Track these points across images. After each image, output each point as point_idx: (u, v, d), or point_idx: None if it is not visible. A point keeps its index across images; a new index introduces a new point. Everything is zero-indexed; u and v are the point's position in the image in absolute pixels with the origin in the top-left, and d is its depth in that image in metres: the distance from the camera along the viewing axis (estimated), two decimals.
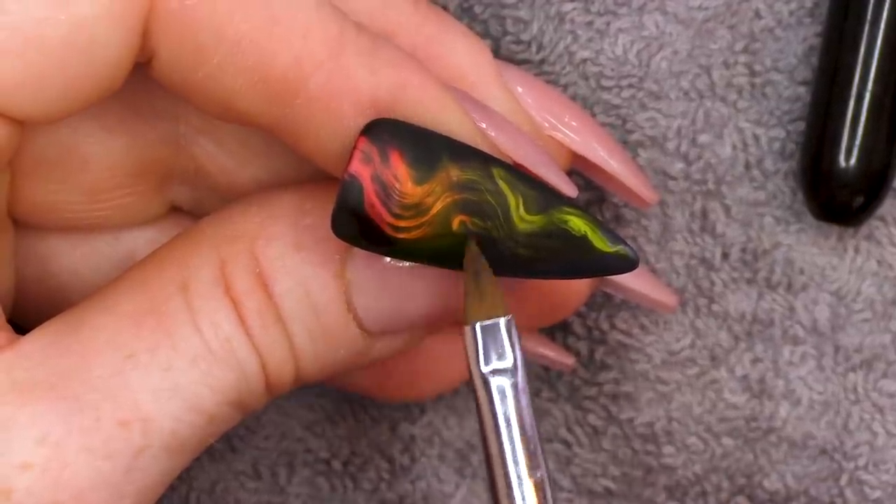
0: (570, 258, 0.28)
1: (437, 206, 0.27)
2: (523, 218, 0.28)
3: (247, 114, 0.27)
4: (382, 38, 0.28)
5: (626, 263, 0.28)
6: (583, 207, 0.28)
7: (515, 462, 0.26)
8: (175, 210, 0.32)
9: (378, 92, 0.27)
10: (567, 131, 0.31)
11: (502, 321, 0.27)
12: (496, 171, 0.27)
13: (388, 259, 0.28)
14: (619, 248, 0.28)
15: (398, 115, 0.27)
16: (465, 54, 0.30)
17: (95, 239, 0.31)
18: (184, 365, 0.27)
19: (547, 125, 0.31)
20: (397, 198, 0.27)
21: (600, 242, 0.28)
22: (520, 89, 0.31)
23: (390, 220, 0.27)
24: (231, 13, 0.27)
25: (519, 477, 0.26)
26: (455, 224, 0.27)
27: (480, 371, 0.26)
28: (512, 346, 0.26)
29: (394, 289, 0.28)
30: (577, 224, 0.28)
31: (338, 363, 0.29)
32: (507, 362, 0.26)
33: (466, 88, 0.30)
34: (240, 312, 0.28)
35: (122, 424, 0.27)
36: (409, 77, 0.28)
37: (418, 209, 0.27)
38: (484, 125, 0.29)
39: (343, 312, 0.28)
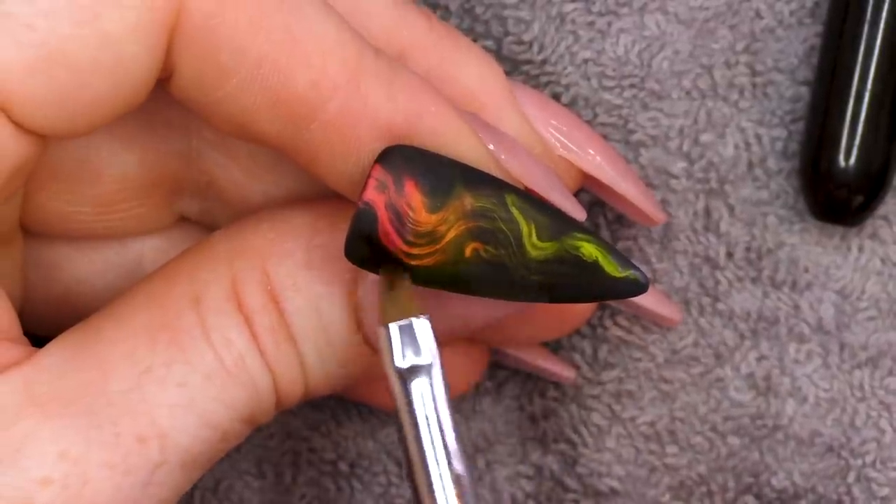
0: (582, 284, 0.28)
1: (451, 234, 0.27)
2: (536, 245, 0.28)
3: (262, 134, 0.28)
4: (400, 64, 0.28)
5: (637, 288, 0.28)
6: (594, 232, 0.28)
7: (436, 459, 0.26)
8: (183, 220, 0.32)
9: (395, 118, 0.27)
10: (578, 152, 0.32)
11: (416, 320, 0.26)
12: (509, 199, 0.28)
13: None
14: (630, 272, 0.28)
15: (414, 141, 0.28)
16: (478, 75, 0.31)
17: (103, 247, 0.31)
18: (199, 381, 0.27)
19: (559, 145, 0.31)
20: (411, 226, 0.27)
21: (611, 267, 0.28)
22: (532, 110, 0.31)
23: (404, 247, 0.27)
24: (253, 34, 0.27)
25: (439, 470, 0.26)
26: (468, 252, 0.27)
27: (396, 367, 0.26)
28: (427, 344, 0.26)
29: None
30: (589, 250, 0.28)
31: (345, 379, 0.29)
32: (424, 359, 0.26)
33: (479, 109, 0.30)
34: (252, 329, 0.28)
35: (140, 440, 0.27)
36: (426, 105, 0.28)
37: (432, 237, 0.27)
38: (494, 148, 0.29)
39: (352, 331, 0.29)
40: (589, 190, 0.33)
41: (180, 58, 0.27)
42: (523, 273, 0.28)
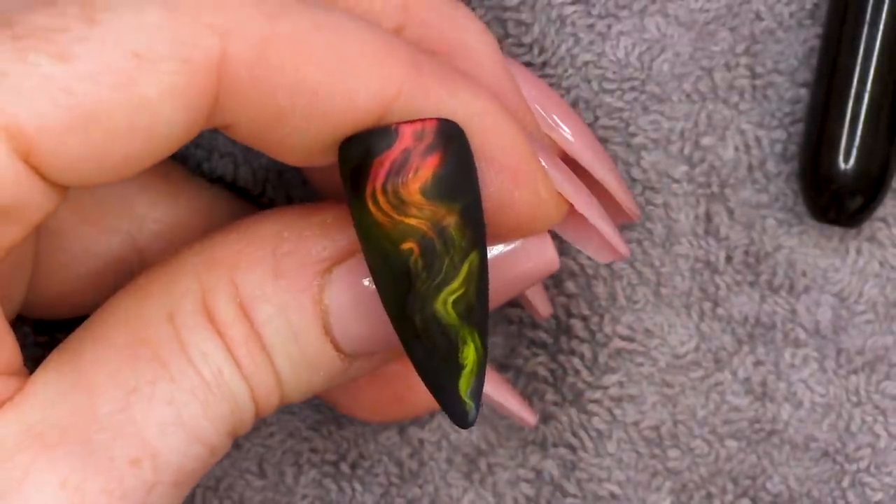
0: (434, 367, 0.28)
1: (411, 221, 0.27)
2: (446, 304, 0.28)
3: (333, 154, 0.28)
4: (451, 65, 0.28)
5: (461, 419, 0.28)
6: (488, 351, 0.28)
7: None
8: (185, 191, 0.32)
9: (456, 114, 0.27)
10: (563, 133, 0.31)
11: None
12: (473, 256, 0.27)
13: (365, 282, 0.28)
14: (469, 404, 0.28)
15: (471, 136, 0.27)
16: (477, 41, 0.30)
17: (107, 214, 0.31)
18: (185, 397, 0.28)
19: (548, 123, 0.31)
20: (399, 182, 0.27)
21: (464, 384, 0.28)
22: (521, 84, 0.31)
23: (378, 187, 0.27)
24: (302, 68, 0.26)
25: None
26: (405, 245, 0.27)
27: None
28: None
29: (369, 312, 0.29)
30: (469, 355, 0.28)
31: (317, 385, 0.29)
32: None
33: (479, 74, 0.30)
34: (226, 342, 0.28)
35: (133, 462, 0.27)
36: (486, 105, 0.28)
37: (400, 206, 0.27)
38: (546, 164, 0.29)
39: (321, 337, 0.29)
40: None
41: (234, 111, 0.27)
42: (414, 309, 0.28)
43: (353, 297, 0.29)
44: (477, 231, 0.28)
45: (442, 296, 0.27)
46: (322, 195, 0.34)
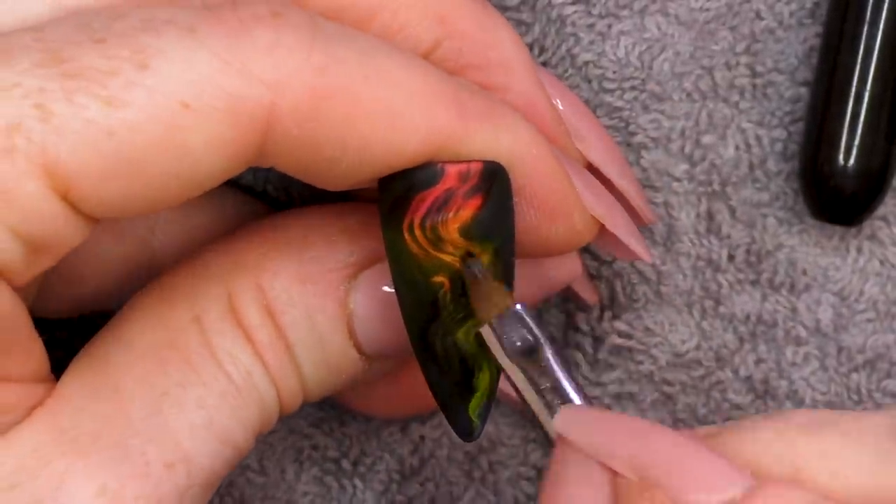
0: (448, 387, 0.28)
1: (445, 258, 0.28)
2: (468, 335, 0.28)
3: (374, 182, 0.28)
4: (493, 96, 0.28)
5: (465, 434, 0.29)
6: (498, 379, 0.29)
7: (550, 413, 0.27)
8: (198, 196, 0.32)
9: (500, 155, 0.28)
10: (587, 142, 0.32)
11: (514, 309, 0.27)
12: None
13: (389, 288, 0.29)
14: (476, 423, 0.29)
15: (513, 175, 0.28)
16: (511, 52, 0.30)
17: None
18: (215, 401, 0.28)
19: (575, 133, 0.32)
20: (438, 220, 0.27)
21: (474, 405, 0.29)
22: (554, 96, 0.31)
23: (417, 220, 0.27)
24: (352, 122, 0.26)
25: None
26: (436, 279, 0.28)
27: (510, 359, 0.27)
28: (528, 328, 0.27)
29: (391, 317, 0.29)
30: (483, 381, 0.29)
31: (338, 385, 0.30)
32: (528, 341, 0.27)
33: (512, 83, 0.30)
34: (254, 345, 0.28)
35: (168, 467, 0.27)
36: (528, 145, 0.28)
37: (436, 241, 0.28)
38: (580, 185, 0.29)
39: (345, 340, 0.29)
40: None
41: (279, 157, 0.27)
42: (435, 335, 0.28)
43: (377, 302, 0.29)
44: (507, 267, 0.28)
45: (464, 327, 0.28)
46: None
